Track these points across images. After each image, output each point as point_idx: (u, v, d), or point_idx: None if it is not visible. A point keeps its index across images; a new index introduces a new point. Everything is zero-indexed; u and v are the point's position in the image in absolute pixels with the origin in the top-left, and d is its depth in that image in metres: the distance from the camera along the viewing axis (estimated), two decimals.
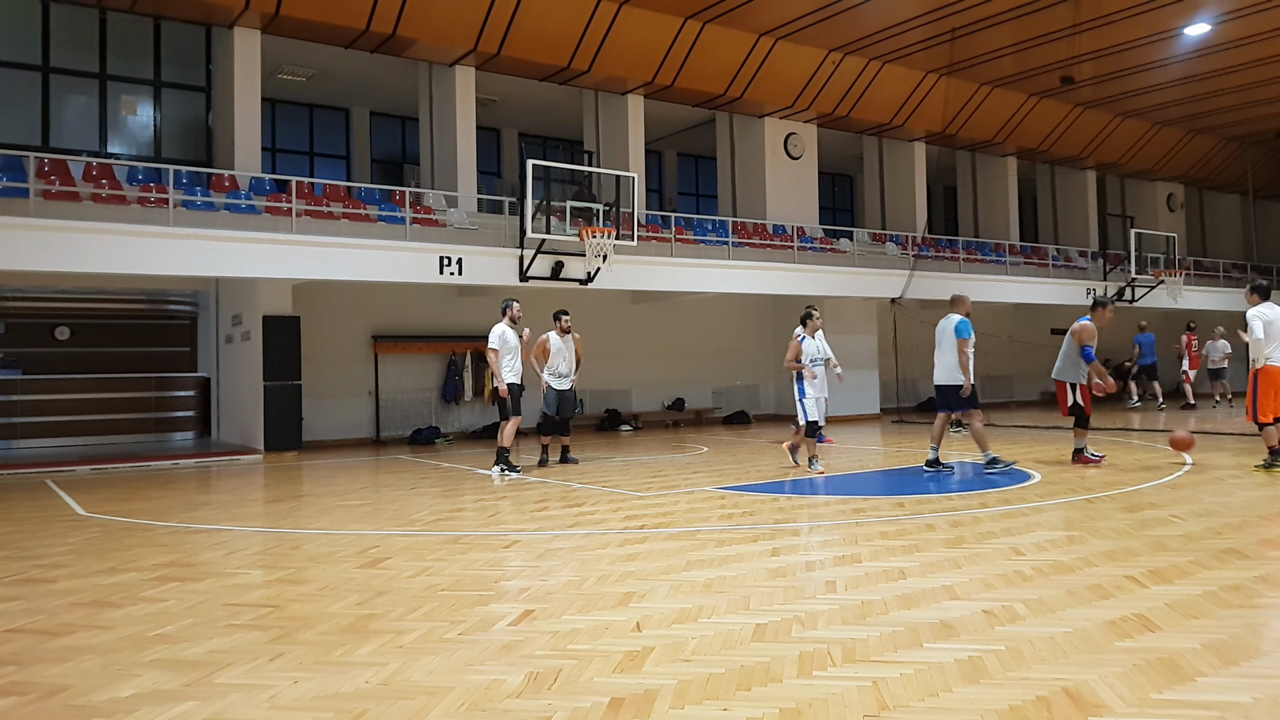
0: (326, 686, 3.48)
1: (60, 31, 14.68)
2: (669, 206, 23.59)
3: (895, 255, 20.73)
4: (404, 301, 16.40)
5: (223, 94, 15.19)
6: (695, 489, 8.97)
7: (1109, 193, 28.22)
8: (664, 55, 17.49)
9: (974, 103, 21.72)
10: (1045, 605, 4.39)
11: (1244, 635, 3.86)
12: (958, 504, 7.65)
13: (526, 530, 6.89)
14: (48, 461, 12.79)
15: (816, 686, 3.37)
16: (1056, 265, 23.50)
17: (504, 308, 10.82)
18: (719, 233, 18.25)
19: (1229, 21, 18.13)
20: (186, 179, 13.75)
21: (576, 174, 14.98)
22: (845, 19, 17.33)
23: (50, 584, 5.37)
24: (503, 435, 10.67)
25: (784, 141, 20.44)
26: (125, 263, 11.82)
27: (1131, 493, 8.05)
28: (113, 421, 15.49)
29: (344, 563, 5.79)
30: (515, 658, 3.78)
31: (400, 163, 20.63)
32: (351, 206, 14.81)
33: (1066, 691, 3.25)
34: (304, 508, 8.49)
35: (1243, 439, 12.78)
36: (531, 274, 14.59)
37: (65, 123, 15.00)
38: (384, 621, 4.36)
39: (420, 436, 15.80)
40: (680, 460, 11.98)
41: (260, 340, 13.77)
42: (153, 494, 9.68)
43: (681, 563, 5.54)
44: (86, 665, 3.79)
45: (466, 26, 15.61)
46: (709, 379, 20.12)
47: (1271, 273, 28.43)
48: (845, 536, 6.31)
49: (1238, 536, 5.95)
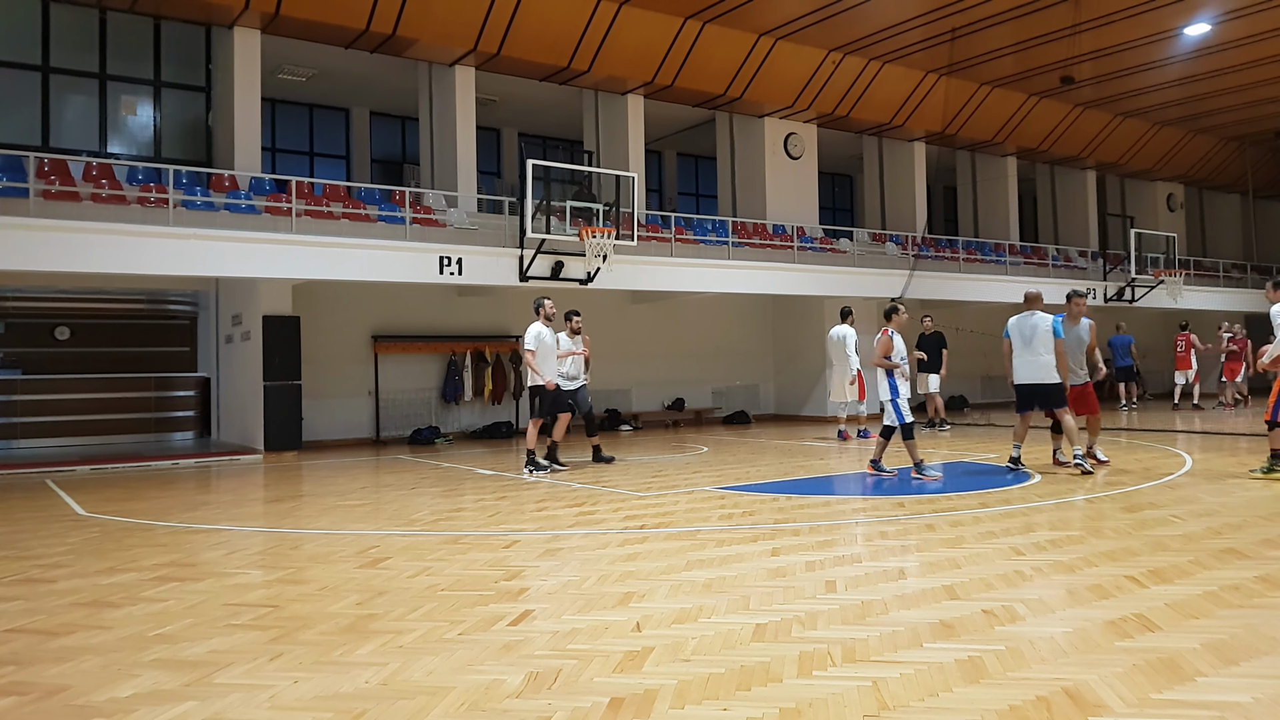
0: (326, 686, 3.48)
1: (60, 31, 14.67)
2: (669, 206, 23.59)
3: (895, 255, 20.72)
4: (404, 301, 16.40)
5: (223, 94, 15.19)
6: (695, 489, 8.97)
7: (1109, 193, 28.22)
8: (664, 55, 17.49)
9: (974, 103, 21.72)
10: (1045, 605, 4.39)
11: (1244, 635, 3.86)
12: (958, 504, 7.65)
13: (526, 530, 6.89)
14: (48, 461, 12.79)
15: (816, 686, 3.37)
16: (1056, 265, 23.49)
17: (536, 306, 10.68)
18: (719, 233, 18.25)
19: (1229, 21, 18.13)
20: (186, 179, 13.74)
21: (576, 174, 14.98)
22: (845, 19, 17.33)
23: (50, 584, 5.37)
24: (529, 436, 10.73)
25: (784, 141, 20.44)
26: (125, 263, 11.82)
27: (1131, 493, 8.05)
28: (113, 421, 15.49)
29: (344, 563, 5.79)
30: (515, 658, 3.78)
31: (400, 163, 20.63)
32: (351, 206, 14.81)
33: (1066, 691, 3.25)
34: (304, 508, 8.49)
35: (1242, 439, 12.79)
36: (531, 274, 14.59)
37: (65, 123, 15.00)
38: (384, 621, 4.37)
39: (420, 436, 15.80)
40: (680, 460, 11.98)
41: (260, 340, 13.77)
42: (153, 494, 9.68)
43: (681, 563, 5.54)
44: (86, 665, 3.79)
45: (466, 26, 15.61)
46: (709, 379, 20.12)
47: (1271, 272, 28.43)
48: (845, 536, 6.31)
49: (1238, 536, 5.95)
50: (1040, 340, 9.52)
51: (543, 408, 10.58)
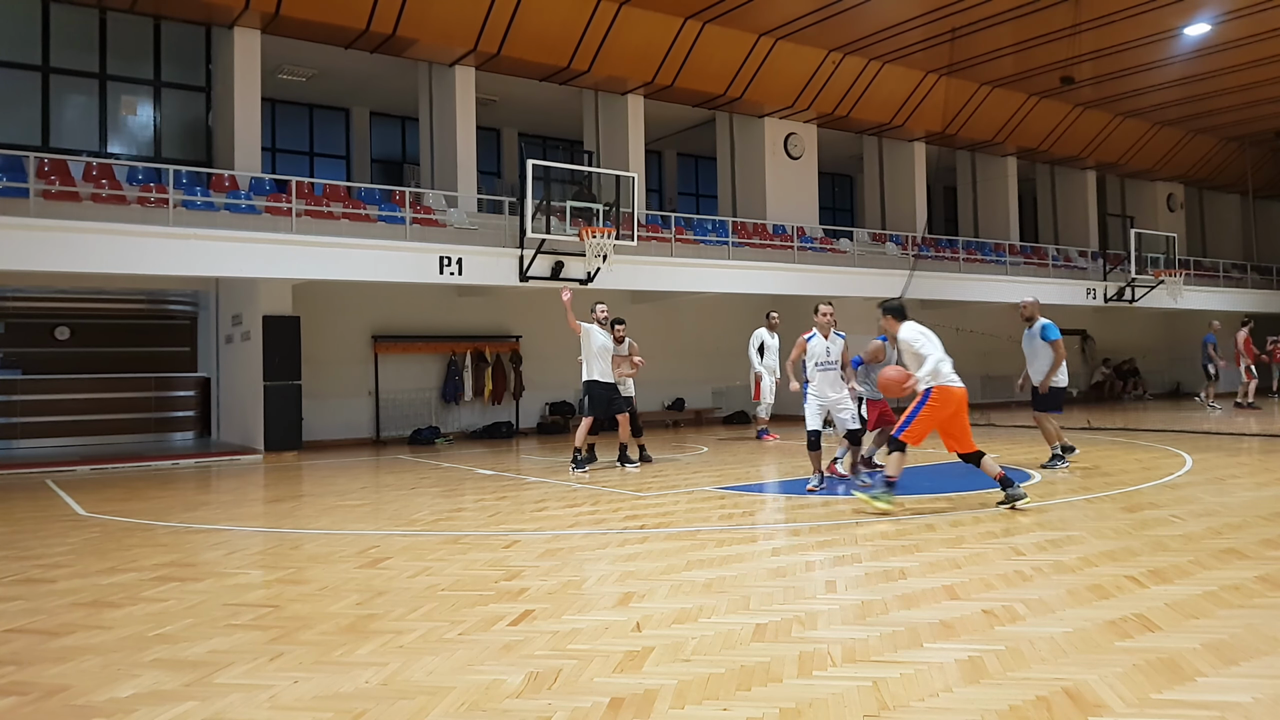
0: (326, 686, 3.48)
1: (60, 31, 14.67)
2: (669, 206, 23.58)
3: (895, 255, 20.72)
4: (404, 301, 16.39)
5: (223, 94, 15.19)
6: (695, 489, 8.97)
7: (1109, 193, 28.22)
8: (664, 55, 17.49)
9: (974, 103, 21.72)
10: (1045, 605, 4.39)
11: (1244, 635, 3.86)
12: (957, 504, 7.65)
13: (526, 530, 6.88)
14: (48, 461, 12.78)
15: (816, 686, 3.37)
16: (1056, 265, 23.49)
17: (591, 308, 11.01)
18: (719, 233, 18.25)
19: (1229, 21, 18.13)
20: (186, 179, 13.74)
21: (576, 174, 14.97)
22: (845, 19, 17.32)
23: (50, 584, 5.36)
24: (578, 434, 10.87)
25: (784, 141, 20.44)
26: (125, 263, 11.82)
27: (1131, 493, 8.05)
28: (113, 421, 15.48)
29: (344, 563, 5.79)
30: (515, 658, 3.78)
31: (400, 163, 20.63)
32: (351, 206, 14.81)
33: (1066, 691, 3.25)
34: (304, 508, 8.49)
35: (1242, 439, 12.78)
36: (531, 274, 14.59)
37: (65, 123, 15.00)
38: (384, 621, 4.36)
39: (420, 436, 15.80)
40: (680, 460, 11.98)
41: (260, 340, 13.76)
42: (153, 494, 9.68)
43: (681, 563, 5.54)
44: (86, 665, 3.79)
45: (466, 26, 15.61)
46: (709, 379, 20.10)
47: (1271, 272, 28.44)
48: (845, 536, 6.31)
49: (1238, 536, 5.95)
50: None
51: (593, 407, 10.72)
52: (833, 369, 8.61)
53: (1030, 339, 10.08)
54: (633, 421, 11.56)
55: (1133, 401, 24.65)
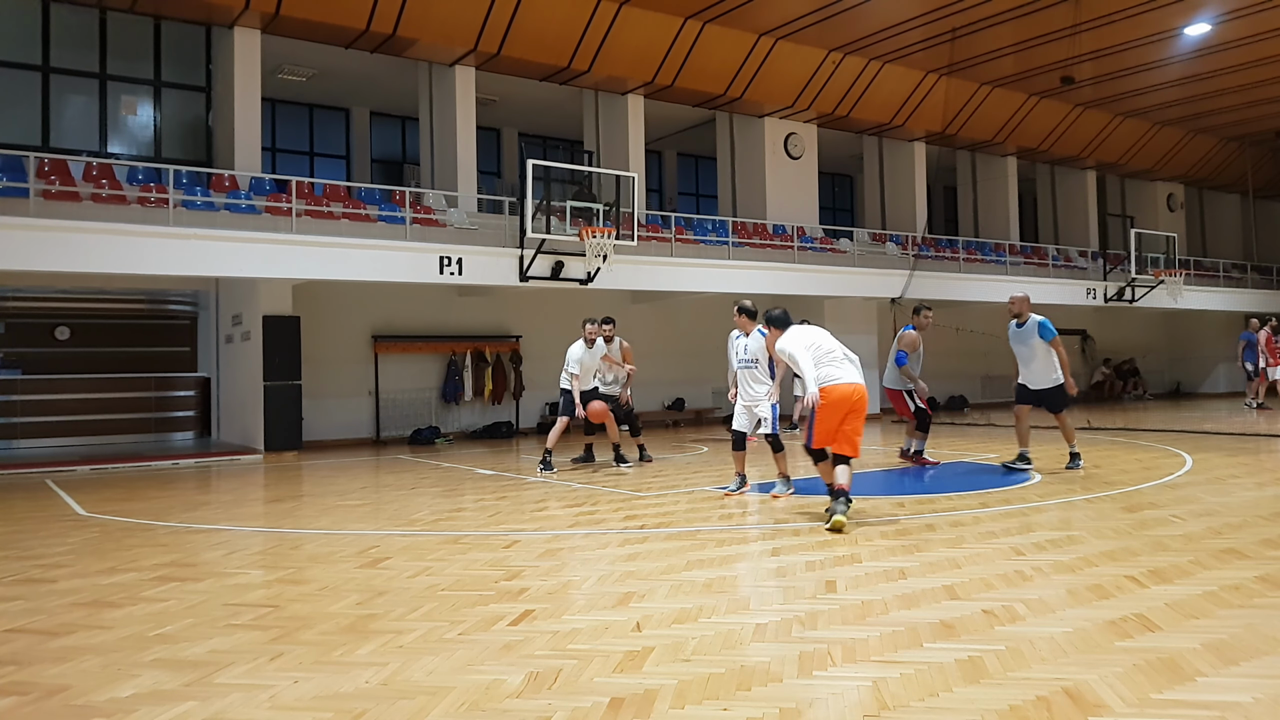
0: (326, 686, 3.48)
1: (60, 31, 14.67)
2: (669, 206, 23.58)
3: (895, 255, 20.72)
4: (404, 301, 16.39)
5: (223, 94, 15.19)
6: (695, 489, 8.97)
7: (1109, 193, 28.21)
8: (664, 55, 17.49)
9: (974, 103, 21.72)
10: (1045, 605, 4.39)
11: (1244, 635, 3.86)
12: (958, 504, 7.64)
13: (526, 530, 6.88)
14: (48, 461, 12.78)
15: (816, 686, 3.37)
16: (1056, 265, 23.49)
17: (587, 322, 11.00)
18: (719, 233, 18.25)
19: (1229, 21, 18.13)
20: (186, 179, 13.74)
21: (576, 174, 14.97)
22: (845, 19, 17.33)
23: (50, 584, 5.36)
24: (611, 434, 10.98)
25: (784, 141, 20.44)
26: (125, 263, 11.82)
27: (1131, 493, 8.05)
28: (113, 421, 15.48)
29: (344, 563, 5.79)
30: (515, 658, 3.78)
31: (400, 163, 20.63)
32: (351, 206, 14.81)
33: (1066, 691, 3.25)
34: (304, 508, 8.49)
35: (1243, 439, 12.78)
36: (531, 274, 14.59)
37: (65, 123, 15.00)
38: (384, 621, 4.36)
39: (420, 436, 15.80)
40: (680, 460, 11.98)
41: (260, 340, 13.77)
42: (153, 494, 9.68)
43: (681, 563, 5.54)
44: (86, 665, 3.79)
45: (466, 26, 15.61)
46: (709, 379, 20.08)
47: (1271, 272, 28.43)
48: (845, 536, 6.31)
49: (1238, 536, 5.95)
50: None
51: (566, 409, 10.73)
52: (751, 366, 8.79)
53: (1022, 337, 9.90)
54: (632, 421, 11.54)
55: (1133, 401, 24.67)
